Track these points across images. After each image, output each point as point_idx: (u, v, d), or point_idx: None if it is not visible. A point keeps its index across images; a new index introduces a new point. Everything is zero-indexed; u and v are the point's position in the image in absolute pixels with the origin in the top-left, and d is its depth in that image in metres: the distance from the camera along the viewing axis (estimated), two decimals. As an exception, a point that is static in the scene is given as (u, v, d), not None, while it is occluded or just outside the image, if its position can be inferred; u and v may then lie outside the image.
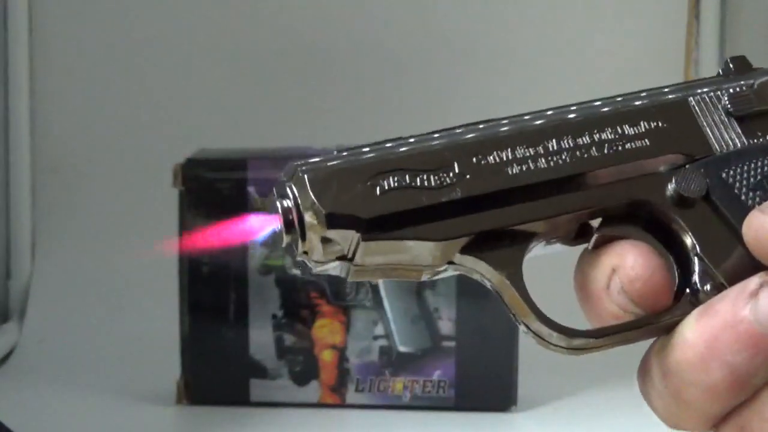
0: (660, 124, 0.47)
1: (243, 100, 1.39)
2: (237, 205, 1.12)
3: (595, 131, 0.47)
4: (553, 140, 0.46)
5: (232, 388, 1.14)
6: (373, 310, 1.13)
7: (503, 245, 0.45)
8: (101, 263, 1.38)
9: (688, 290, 0.46)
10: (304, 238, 0.44)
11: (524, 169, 0.46)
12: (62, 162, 1.43)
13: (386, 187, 0.44)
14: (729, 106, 0.48)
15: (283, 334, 1.14)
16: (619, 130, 0.47)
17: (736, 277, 0.45)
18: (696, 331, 0.44)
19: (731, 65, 0.50)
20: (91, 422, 1.11)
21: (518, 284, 0.45)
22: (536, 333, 0.45)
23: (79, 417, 1.12)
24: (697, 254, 0.46)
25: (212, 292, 1.14)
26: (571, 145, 0.47)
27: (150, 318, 1.28)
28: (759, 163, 0.47)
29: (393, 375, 1.13)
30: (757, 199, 0.46)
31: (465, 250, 0.45)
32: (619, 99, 0.48)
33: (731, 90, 0.48)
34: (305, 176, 0.44)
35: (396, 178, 0.44)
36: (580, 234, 0.47)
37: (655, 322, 0.45)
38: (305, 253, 0.44)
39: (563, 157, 0.46)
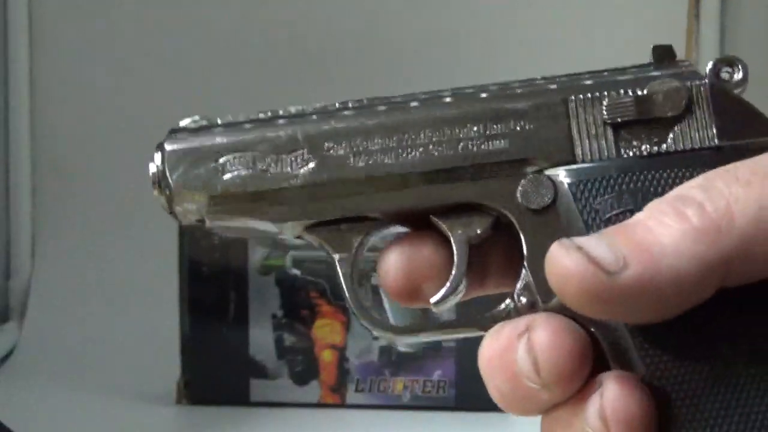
0: (527, 126, 0.45)
1: (243, 100, 1.39)
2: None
3: (453, 128, 0.46)
4: (406, 135, 0.46)
5: (232, 388, 1.14)
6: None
7: (342, 230, 0.47)
8: (101, 263, 1.38)
9: (508, 299, 0.45)
10: (170, 200, 0.47)
11: (369, 162, 0.46)
12: (62, 162, 1.43)
13: (232, 169, 0.46)
14: (605, 112, 0.45)
15: (283, 334, 1.14)
16: (479, 129, 0.45)
17: (550, 296, 0.43)
18: (483, 348, 0.44)
19: (653, 54, 0.46)
20: (91, 422, 1.11)
21: (347, 268, 0.47)
22: (356, 316, 0.47)
23: (79, 417, 1.12)
24: (524, 264, 0.44)
25: (212, 292, 1.14)
26: (424, 140, 0.46)
27: (150, 318, 1.28)
28: (612, 182, 0.44)
29: (393, 375, 1.13)
30: (598, 220, 0.43)
31: (308, 230, 0.47)
32: (493, 92, 0.46)
33: (613, 94, 0.45)
34: (166, 147, 0.47)
35: (244, 161, 0.46)
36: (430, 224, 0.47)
37: (470, 323, 0.46)
38: (171, 212, 0.48)
39: (412, 152, 0.46)
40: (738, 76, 0.45)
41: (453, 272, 0.46)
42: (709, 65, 0.46)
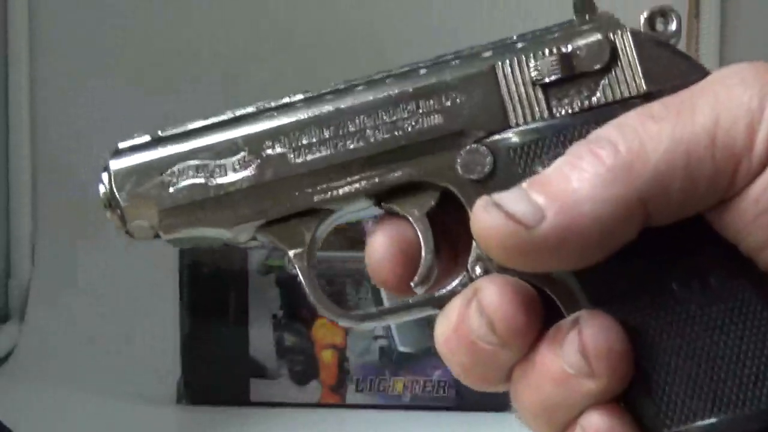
0: (458, 99, 0.45)
1: (243, 101, 1.39)
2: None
3: (386, 110, 0.46)
4: (341, 124, 0.46)
5: (232, 388, 1.14)
6: (373, 310, 1.13)
7: (292, 225, 0.47)
8: (101, 263, 1.38)
9: (463, 272, 0.45)
10: (123, 220, 0.48)
11: (309, 156, 0.46)
12: (62, 162, 1.43)
13: (177, 181, 0.47)
14: (533, 73, 0.45)
15: (283, 334, 1.14)
16: (411, 107, 0.46)
17: (505, 268, 0.44)
18: (437, 330, 0.45)
19: (574, 8, 0.46)
20: (91, 422, 1.11)
21: (303, 262, 0.47)
22: (317, 307, 0.48)
23: (79, 417, 1.12)
24: (473, 237, 0.44)
25: (212, 292, 1.14)
26: (360, 127, 0.46)
27: (150, 318, 1.28)
28: (548, 142, 0.44)
29: (393, 375, 1.13)
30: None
31: (260, 230, 0.47)
32: (421, 69, 0.46)
33: (538, 54, 0.45)
34: (111, 167, 0.48)
35: (187, 172, 0.47)
36: (379, 205, 0.47)
37: (429, 302, 0.46)
38: (127, 232, 0.48)
39: (350, 140, 0.46)
40: (672, 27, 0.46)
41: (423, 249, 0.46)
42: (644, 15, 0.46)
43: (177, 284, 1.14)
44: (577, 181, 0.41)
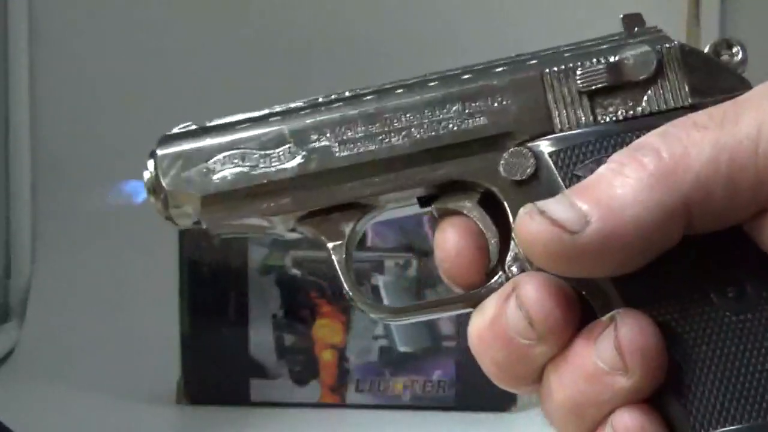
0: (504, 102, 0.46)
1: (243, 100, 1.39)
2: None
3: (434, 109, 0.47)
4: (387, 120, 0.47)
5: (232, 388, 1.14)
6: (373, 310, 1.13)
7: (333, 218, 0.48)
8: (101, 263, 1.38)
9: (500, 271, 0.46)
10: (165, 205, 0.48)
11: (354, 150, 0.47)
12: (62, 162, 1.43)
13: (221, 169, 0.48)
14: (579, 81, 0.46)
15: (283, 334, 1.14)
16: (458, 108, 0.47)
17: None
18: (471, 326, 0.45)
19: (623, 23, 0.47)
20: (91, 422, 1.11)
21: (342, 254, 0.48)
22: (353, 300, 0.48)
23: (79, 417, 1.12)
24: (513, 236, 0.45)
25: (212, 292, 1.14)
26: (405, 125, 0.47)
27: (150, 318, 1.28)
28: (591, 147, 0.45)
29: (393, 375, 1.13)
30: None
31: (301, 222, 0.48)
32: (470, 72, 0.47)
33: (586, 63, 0.46)
34: (157, 153, 0.48)
35: (232, 160, 0.48)
36: (422, 203, 0.48)
37: (465, 299, 0.47)
38: (168, 217, 0.49)
39: (395, 137, 0.47)
40: (738, 57, 0.47)
41: (487, 235, 0.47)
42: (707, 48, 0.46)
43: (177, 284, 1.14)
44: (621, 187, 0.41)
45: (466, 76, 0.47)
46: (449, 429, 1.10)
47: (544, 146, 0.46)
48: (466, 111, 0.47)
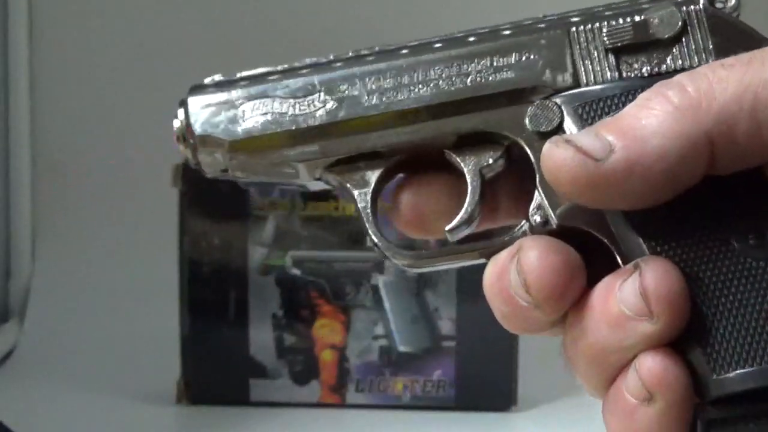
0: (531, 56, 0.48)
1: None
2: (237, 204, 1.12)
3: (462, 63, 0.48)
4: (417, 73, 0.48)
5: (232, 388, 1.14)
6: (373, 310, 1.13)
7: (360, 167, 0.49)
8: (101, 263, 1.38)
9: (524, 220, 0.47)
10: (194, 152, 0.50)
11: (383, 99, 0.48)
12: (62, 162, 1.43)
13: (250, 115, 0.49)
14: (605, 38, 0.47)
15: (283, 334, 1.14)
16: (486, 62, 0.48)
17: (565, 214, 0.46)
18: (486, 274, 0.47)
19: None
20: (91, 422, 1.11)
21: (366, 201, 0.49)
22: (377, 245, 0.49)
23: (79, 417, 1.12)
24: (537, 185, 0.47)
25: (212, 292, 1.14)
26: (434, 77, 0.48)
27: (150, 318, 1.28)
28: (616, 100, 0.46)
29: (393, 375, 1.13)
30: None
31: (327, 170, 0.49)
32: (499, 30, 0.49)
33: (612, 22, 0.47)
34: (188, 101, 0.50)
35: (261, 107, 0.49)
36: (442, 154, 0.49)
37: (489, 246, 0.48)
38: (197, 164, 0.50)
39: (423, 87, 0.48)
40: (731, 3, 0.48)
41: (467, 200, 0.48)
42: None
43: (177, 284, 1.14)
44: (645, 118, 0.42)
45: (495, 33, 0.49)
46: (449, 429, 1.10)
47: (570, 99, 0.47)
48: (494, 65, 0.48)
